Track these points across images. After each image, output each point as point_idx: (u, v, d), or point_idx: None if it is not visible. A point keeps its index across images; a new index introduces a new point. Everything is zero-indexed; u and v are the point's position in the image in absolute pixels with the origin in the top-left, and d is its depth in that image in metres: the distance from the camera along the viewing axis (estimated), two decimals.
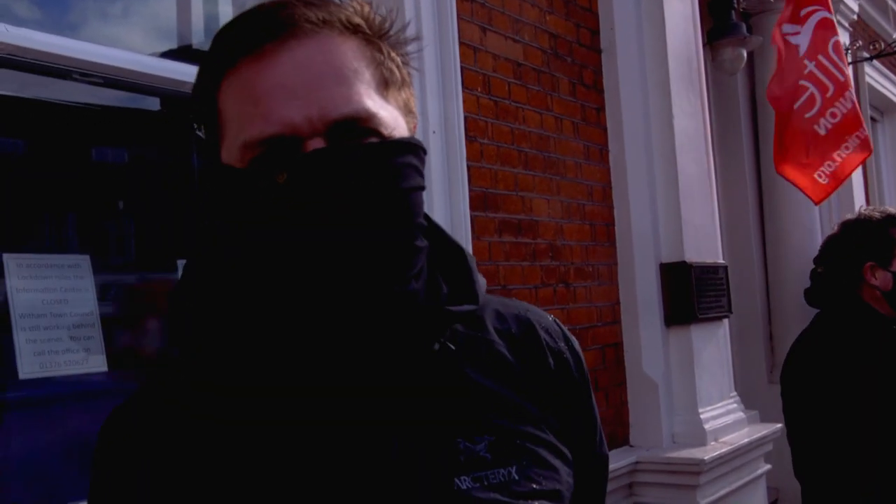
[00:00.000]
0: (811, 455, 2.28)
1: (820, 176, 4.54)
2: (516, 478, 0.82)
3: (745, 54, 5.10)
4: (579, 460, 0.92)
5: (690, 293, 3.59)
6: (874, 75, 7.44)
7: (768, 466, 3.94)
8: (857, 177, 6.17)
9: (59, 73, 2.03)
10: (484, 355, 0.89)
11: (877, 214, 2.36)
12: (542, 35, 3.41)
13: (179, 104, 2.40)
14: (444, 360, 0.84)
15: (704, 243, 3.81)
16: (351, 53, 0.81)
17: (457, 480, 0.79)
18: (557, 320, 1.01)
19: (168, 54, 2.42)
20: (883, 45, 6.96)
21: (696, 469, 3.26)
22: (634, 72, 3.71)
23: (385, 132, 0.80)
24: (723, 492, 3.47)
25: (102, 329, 2.11)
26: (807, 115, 4.54)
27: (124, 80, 2.16)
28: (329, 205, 0.75)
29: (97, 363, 2.11)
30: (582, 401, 0.97)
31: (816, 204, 4.76)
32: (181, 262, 2.36)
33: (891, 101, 8.19)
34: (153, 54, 2.34)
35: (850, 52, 6.36)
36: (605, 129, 3.72)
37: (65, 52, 1.97)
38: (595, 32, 3.75)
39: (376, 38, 0.84)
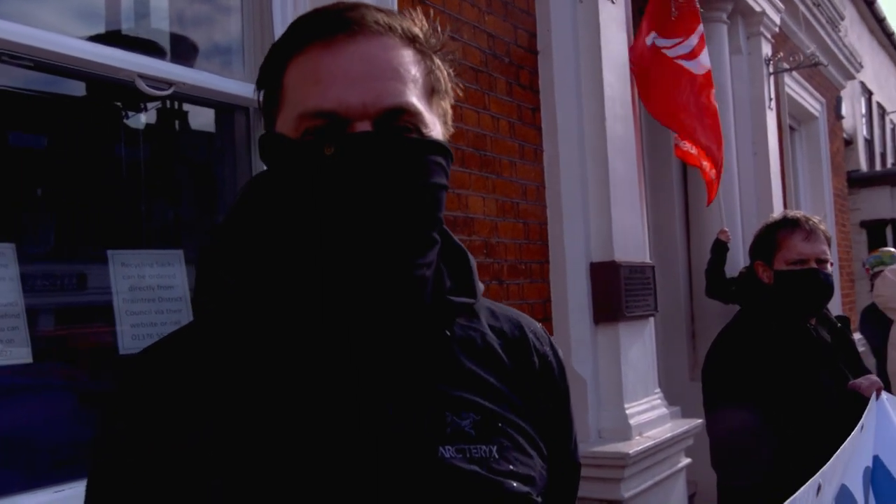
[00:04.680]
0: (727, 446, 2.38)
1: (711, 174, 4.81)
2: (496, 456, 0.89)
3: None
4: (553, 462, 0.99)
5: (619, 292, 3.69)
6: (793, 86, 7.76)
7: (689, 460, 4.07)
8: (775, 182, 6.44)
9: None
10: (477, 345, 0.98)
11: (777, 217, 2.50)
12: (481, 35, 3.45)
13: (108, 89, 2.35)
14: (442, 343, 0.93)
15: (633, 244, 3.92)
16: (408, 58, 0.92)
17: (441, 449, 0.87)
18: (544, 328, 1.10)
19: (96, 39, 2.36)
20: (802, 58, 7.28)
21: (621, 463, 3.36)
22: (569, 74, 3.78)
23: (424, 130, 0.91)
24: (646, 484, 3.58)
25: (27, 320, 2.05)
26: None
27: (53, 63, 2.10)
28: (367, 183, 0.85)
29: (21, 355, 2.04)
30: (560, 405, 1.06)
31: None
32: (110, 252, 2.31)
33: (807, 111, 8.56)
34: (80, 38, 2.28)
35: (771, 63, 6.62)
36: (539, 130, 3.79)
37: None
38: (532, 34, 3.81)
39: (429, 50, 0.95)
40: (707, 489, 5.26)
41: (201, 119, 2.74)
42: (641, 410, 3.78)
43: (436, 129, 0.93)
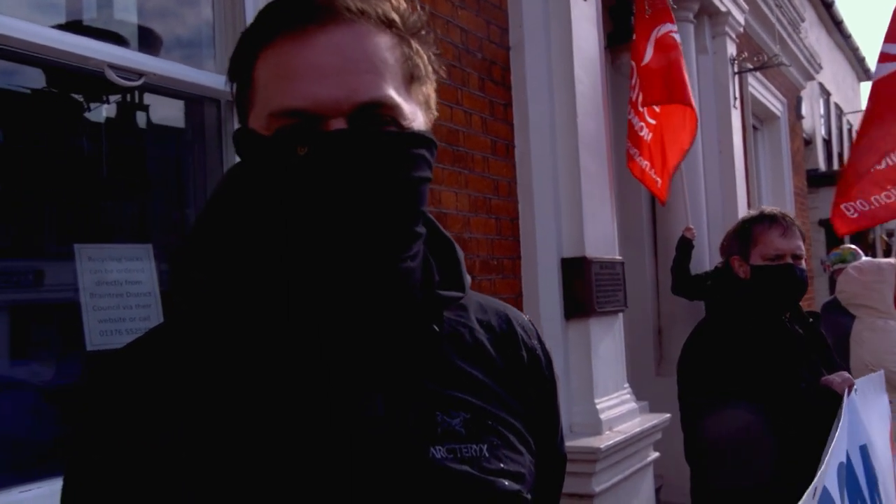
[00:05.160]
0: (699, 440, 2.39)
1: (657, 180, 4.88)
2: (486, 455, 0.87)
3: None
4: (541, 455, 0.97)
5: (590, 287, 3.71)
6: (756, 86, 7.88)
7: (657, 454, 4.11)
8: (740, 180, 6.53)
9: None
10: (466, 341, 0.95)
11: (753, 213, 2.53)
12: (454, 29, 3.44)
13: (76, 79, 2.29)
14: (431, 340, 0.90)
15: (603, 240, 3.94)
16: (383, 45, 0.86)
17: (432, 449, 0.84)
18: (532, 320, 1.08)
19: (64, 27, 2.30)
20: (765, 58, 7.39)
21: (592, 457, 3.38)
22: (541, 70, 3.79)
23: (404, 123, 0.86)
24: (616, 479, 3.60)
25: None
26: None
27: (19, 51, 2.04)
28: (344, 183, 0.81)
29: None
30: (548, 398, 1.03)
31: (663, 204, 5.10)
32: (77, 247, 2.26)
33: (770, 111, 8.70)
34: (48, 27, 2.22)
35: (735, 62, 6.72)
36: (511, 125, 3.79)
37: None
38: (504, 30, 3.81)
39: (408, 34, 0.89)
40: (673, 482, 5.33)
41: (171, 111, 2.68)
42: (612, 405, 3.80)
43: (417, 119, 0.88)
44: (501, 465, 0.88)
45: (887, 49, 5.28)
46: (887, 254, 13.94)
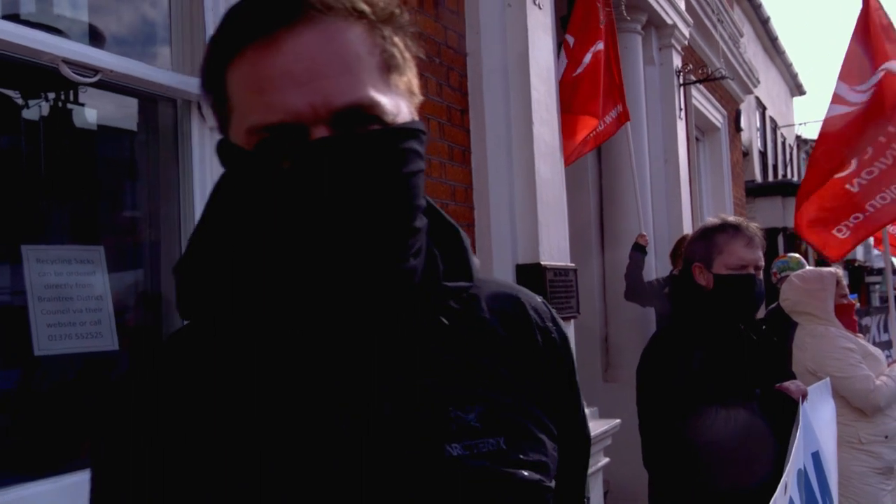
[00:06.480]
0: (661, 445, 2.42)
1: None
2: (504, 448, 0.86)
3: None
4: (563, 438, 0.96)
5: (544, 294, 3.73)
6: (699, 98, 8.07)
7: (607, 460, 4.16)
8: (684, 190, 6.67)
9: None
10: (477, 330, 0.93)
11: (715, 221, 2.56)
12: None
13: (28, 74, 2.20)
14: (439, 333, 0.88)
15: (557, 246, 3.97)
16: (355, 40, 0.83)
17: (447, 447, 0.83)
18: (545, 301, 1.05)
19: (15, 19, 2.21)
20: (709, 71, 7.58)
21: None
22: (497, 77, 3.80)
23: (388, 119, 0.83)
24: None
25: None
26: None
27: None
28: (332, 192, 0.78)
29: None
30: (566, 379, 1.01)
31: None
32: (25, 248, 2.17)
33: (712, 122, 8.92)
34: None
35: (681, 74, 6.87)
36: (468, 132, 3.79)
37: None
38: (461, 35, 3.81)
39: (380, 22, 0.85)
40: (619, 487, 5.40)
41: (126, 109, 2.60)
42: None
43: (401, 111, 0.85)
44: (521, 457, 0.86)
45: (839, 90, 5.44)
46: (818, 264, 14.44)
